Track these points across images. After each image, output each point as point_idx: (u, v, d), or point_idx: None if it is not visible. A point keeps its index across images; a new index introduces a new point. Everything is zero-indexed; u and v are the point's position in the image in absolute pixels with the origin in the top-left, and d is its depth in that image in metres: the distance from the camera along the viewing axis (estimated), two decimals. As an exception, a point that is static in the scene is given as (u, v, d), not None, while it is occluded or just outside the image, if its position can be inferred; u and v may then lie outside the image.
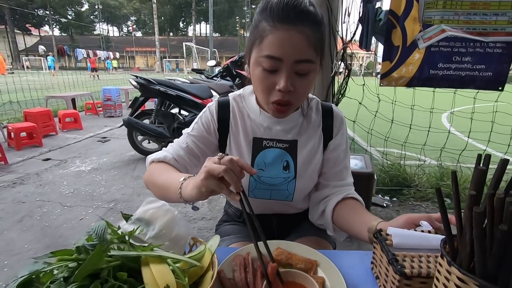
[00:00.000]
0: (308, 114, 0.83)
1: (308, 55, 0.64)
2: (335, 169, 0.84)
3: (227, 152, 0.83)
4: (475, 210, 0.29)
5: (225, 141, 0.83)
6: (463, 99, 2.31)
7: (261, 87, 0.68)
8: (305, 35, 0.62)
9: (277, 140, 0.80)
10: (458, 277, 0.36)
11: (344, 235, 0.83)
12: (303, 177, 0.81)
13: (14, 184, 2.83)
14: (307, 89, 0.70)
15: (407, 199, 2.52)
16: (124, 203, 2.49)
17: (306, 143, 0.81)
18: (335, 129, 0.83)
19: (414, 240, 0.55)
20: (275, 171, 0.80)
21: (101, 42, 39.55)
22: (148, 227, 0.60)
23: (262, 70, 0.66)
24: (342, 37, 2.24)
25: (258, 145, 0.80)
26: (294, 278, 0.57)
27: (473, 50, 1.98)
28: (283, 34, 0.62)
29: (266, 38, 0.63)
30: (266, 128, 0.80)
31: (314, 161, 0.82)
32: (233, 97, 0.84)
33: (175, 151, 0.82)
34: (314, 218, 0.87)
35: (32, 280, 0.42)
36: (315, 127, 0.82)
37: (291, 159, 0.80)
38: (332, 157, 0.83)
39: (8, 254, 1.78)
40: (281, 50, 0.62)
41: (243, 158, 0.80)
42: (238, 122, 0.82)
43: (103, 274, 0.43)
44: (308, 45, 0.63)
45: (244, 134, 0.81)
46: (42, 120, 4.52)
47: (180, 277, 0.48)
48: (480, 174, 0.33)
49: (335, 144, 0.83)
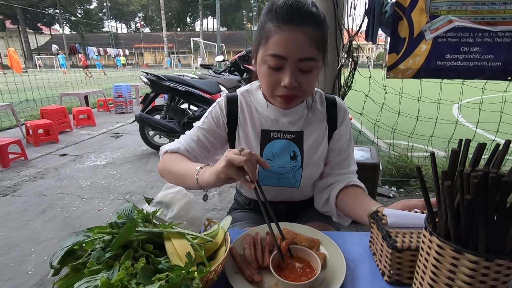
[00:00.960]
0: (312, 106, 0.87)
1: (311, 54, 0.69)
2: (339, 157, 0.89)
3: (236, 144, 0.89)
4: (445, 183, 0.34)
5: (234, 134, 0.88)
6: (475, 90, 2.30)
7: (267, 83, 0.74)
8: (307, 35, 0.67)
9: (284, 131, 0.85)
10: (437, 244, 0.41)
11: (348, 220, 0.89)
12: (310, 166, 0.87)
13: (35, 178, 2.98)
14: (311, 85, 0.74)
15: (414, 190, 2.55)
16: (139, 195, 2.61)
17: (312, 134, 0.86)
18: (339, 120, 0.88)
19: (407, 220, 0.60)
20: (283, 161, 0.86)
21: (110, 39, 40.02)
22: (167, 209, 0.67)
23: (268, 68, 0.71)
24: (348, 30, 2.26)
25: (266, 137, 0.85)
26: (298, 253, 0.63)
27: (481, 40, 1.97)
28: (287, 34, 0.67)
29: (271, 38, 0.69)
30: (273, 120, 0.85)
31: (319, 150, 0.87)
32: (240, 92, 0.89)
33: (187, 143, 0.87)
34: (319, 205, 0.93)
35: (75, 250, 0.50)
36: (320, 118, 0.87)
37: (297, 149, 0.86)
38: (337, 147, 0.89)
39: (34, 242, 1.92)
40: (285, 49, 0.67)
41: (252, 150, 0.85)
42: (246, 116, 0.87)
43: (133, 245, 0.50)
44: (310, 44, 0.68)
45: (252, 126, 0.86)
46: (58, 117, 4.70)
47: (197, 250, 0.56)
48: (454, 155, 0.38)
49: (339, 134, 0.88)
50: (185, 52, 40.88)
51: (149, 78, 3.51)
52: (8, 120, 5.22)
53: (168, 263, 0.50)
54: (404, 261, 0.55)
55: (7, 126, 5.10)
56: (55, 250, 0.50)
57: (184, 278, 0.44)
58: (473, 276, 0.39)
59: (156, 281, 0.44)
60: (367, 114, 2.62)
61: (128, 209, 0.58)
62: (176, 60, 33.51)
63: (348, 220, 0.89)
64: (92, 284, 0.42)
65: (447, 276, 0.41)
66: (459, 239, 0.38)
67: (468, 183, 0.34)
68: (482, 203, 0.35)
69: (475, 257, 0.38)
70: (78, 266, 0.48)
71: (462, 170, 0.34)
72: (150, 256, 0.50)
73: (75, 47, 21.18)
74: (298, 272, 0.59)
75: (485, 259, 0.37)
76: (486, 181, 0.35)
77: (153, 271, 0.48)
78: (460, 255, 0.39)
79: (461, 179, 0.35)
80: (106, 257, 0.48)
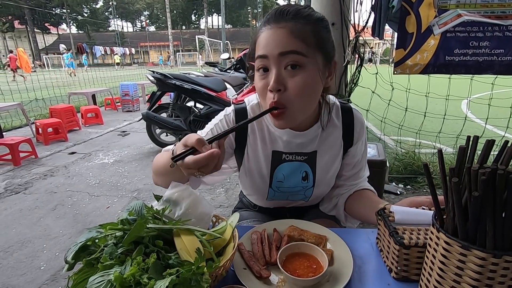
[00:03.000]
0: (329, 122, 0.80)
1: (293, 46, 0.61)
2: (353, 171, 0.86)
3: (244, 162, 0.83)
4: (453, 180, 0.34)
5: (243, 151, 0.82)
6: (484, 86, 2.26)
7: (258, 92, 0.68)
8: (286, 28, 0.62)
9: (296, 153, 0.80)
10: (445, 241, 0.41)
11: (356, 223, 0.88)
12: (321, 185, 0.84)
13: (45, 176, 3.05)
14: (302, 88, 0.63)
15: (421, 187, 2.52)
16: (147, 192, 2.64)
17: (326, 153, 0.81)
18: (355, 136, 0.82)
19: (414, 216, 0.61)
20: (294, 181, 0.82)
21: (116, 38, 40.31)
22: (175, 207, 0.69)
23: (257, 74, 0.67)
24: (354, 25, 2.24)
25: (277, 159, 0.80)
26: (306, 250, 0.64)
27: (491, 34, 1.93)
28: (266, 33, 0.64)
29: (257, 42, 0.67)
30: (285, 141, 0.78)
31: (332, 169, 0.83)
32: (250, 106, 0.80)
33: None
34: (326, 209, 0.92)
35: (88, 245, 0.52)
36: (335, 136, 0.81)
37: (310, 169, 0.81)
38: (351, 162, 0.85)
39: (46, 238, 1.96)
40: (266, 47, 0.63)
41: (261, 171, 0.82)
42: (256, 134, 0.80)
43: (144, 241, 0.51)
44: (292, 37, 0.62)
45: (263, 146, 0.80)
46: (66, 116, 4.77)
47: (206, 246, 0.57)
48: (461, 152, 0.38)
49: (355, 151, 0.83)
50: (190, 50, 40.94)
51: (155, 77, 3.54)
52: (19, 119, 5.32)
53: (178, 258, 0.51)
54: (412, 258, 0.55)
55: (17, 125, 5.21)
56: (66, 246, 0.52)
57: (194, 273, 0.46)
58: (481, 272, 0.39)
59: (167, 276, 0.45)
60: (373, 110, 2.60)
61: (139, 206, 0.59)
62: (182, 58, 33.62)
63: (356, 222, 0.89)
64: (106, 279, 0.44)
65: (455, 273, 0.41)
66: (467, 235, 0.38)
67: (476, 180, 0.34)
68: (490, 200, 0.35)
69: (483, 253, 0.38)
70: (91, 261, 0.49)
71: (470, 167, 0.35)
72: (160, 252, 0.52)
73: (82, 46, 21.42)
74: (306, 268, 0.60)
75: (493, 256, 0.37)
76: (494, 178, 0.35)
77: (164, 267, 0.49)
78: (467, 251, 0.39)
79: (468, 176, 0.35)
80: (118, 253, 0.49)
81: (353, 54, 2.28)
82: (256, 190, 0.86)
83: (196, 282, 0.45)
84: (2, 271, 1.66)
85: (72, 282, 0.47)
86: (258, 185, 0.84)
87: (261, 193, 0.86)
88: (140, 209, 0.59)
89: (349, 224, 0.89)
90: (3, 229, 2.09)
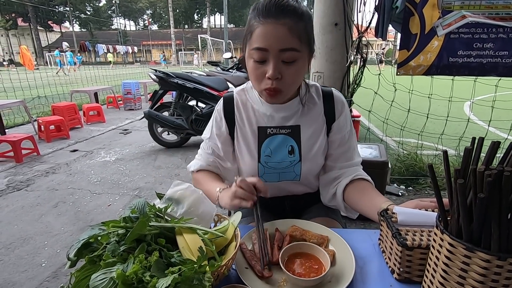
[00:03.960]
0: (308, 99, 0.88)
1: (292, 44, 0.70)
2: (341, 149, 0.89)
3: (235, 143, 0.91)
4: (458, 182, 0.34)
5: (233, 134, 0.90)
6: (487, 87, 2.25)
7: (253, 77, 0.76)
8: (287, 26, 0.69)
9: (280, 127, 0.86)
10: (449, 242, 0.41)
11: (356, 214, 0.89)
12: (308, 160, 0.87)
13: (47, 173, 3.06)
14: (295, 77, 0.75)
15: (423, 188, 2.52)
16: (148, 190, 2.65)
17: (309, 127, 0.87)
18: (337, 112, 0.88)
19: (417, 218, 0.60)
20: (281, 156, 0.87)
21: (119, 36, 40.37)
22: (177, 205, 0.69)
23: (253, 62, 0.74)
24: (357, 26, 2.23)
25: (263, 134, 0.87)
26: (308, 250, 0.64)
27: (496, 36, 1.92)
28: (267, 27, 0.70)
29: (254, 33, 0.72)
30: (269, 116, 0.86)
31: (317, 143, 0.88)
32: (237, 92, 0.92)
33: (205, 159, 0.94)
34: (325, 200, 0.93)
35: (91, 242, 0.52)
36: (317, 112, 0.87)
37: (295, 143, 0.87)
38: (337, 139, 0.88)
39: (47, 235, 1.97)
40: (266, 41, 0.70)
41: (249, 147, 0.88)
42: (242, 114, 0.88)
43: (146, 239, 0.51)
44: (291, 35, 0.70)
45: (249, 124, 0.88)
46: (69, 114, 4.78)
47: (208, 244, 0.57)
48: (467, 153, 0.38)
49: (338, 126, 0.88)
50: (193, 49, 40.98)
51: (157, 75, 3.54)
52: (21, 117, 5.34)
53: (180, 257, 0.51)
54: (414, 259, 0.55)
55: (20, 122, 5.23)
56: (68, 243, 0.52)
57: (197, 272, 0.46)
58: (485, 275, 0.38)
59: (170, 274, 0.45)
60: (376, 111, 2.59)
61: (141, 204, 0.59)
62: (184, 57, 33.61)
63: (355, 213, 0.90)
64: (108, 276, 0.44)
65: (459, 275, 0.41)
66: (471, 237, 0.38)
67: (482, 182, 0.34)
68: (496, 202, 0.35)
69: (488, 256, 0.37)
70: (94, 259, 0.49)
71: (475, 168, 0.34)
72: (162, 250, 0.52)
73: (85, 45, 21.40)
74: (307, 268, 0.60)
75: (497, 258, 0.37)
76: (500, 180, 0.35)
77: (166, 265, 0.49)
78: (472, 253, 0.39)
79: (474, 177, 0.35)
80: (120, 250, 0.49)
81: (356, 55, 2.27)
82: (247, 168, 0.90)
83: (198, 280, 0.45)
84: (3, 268, 1.67)
85: (75, 279, 0.47)
86: (247, 162, 0.89)
87: (252, 171, 0.90)
88: (143, 207, 0.59)
89: (349, 213, 0.90)
90: (5, 225, 2.09)
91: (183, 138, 3.87)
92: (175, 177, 2.97)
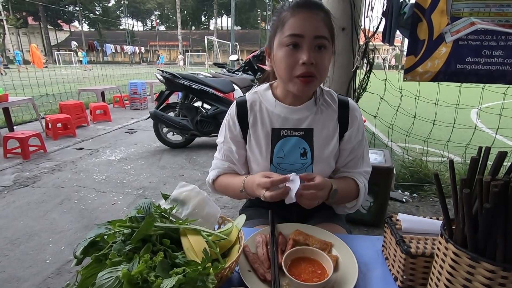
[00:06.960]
0: (323, 103, 0.89)
1: (325, 33, 0.76)
2: (349, 158, 0.90)
3: (247, 144, 0.92)
4: (464, 191, 0.34)
5: (246, 137, 0.91)
6: (495, 95, 2.23)
7: (286, 65, 0.77)
8: (320, 16, 0.76)
9: (294, 129, 0.87)
10: (453, 252, 0.41)
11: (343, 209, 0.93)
12: (320, 162, 0.88)
13: (53, 170, 3.09)
14: (326, 64, 0.78)
15: (427, 195, 2.49)
16: (152, 190, 2.66)
17: (322, 131, 0.87)
18: (350, 122, 0.88)
19: (421, 225, 0.60)
20: (293, 158, 0.88)
21: (126, 37, 40.80)
22: (182, 206, 0.69)
23: (286, 49, 0.76)
24: (364, 31, 2.23)
25: (277, 135, 0.87)
26: (311, 254, 0.64)
27: (505, 44, 1.90)
28: (302, 15, 0.75)
29: (287, 22, 0.76)
30: (283, 118, 0.87)
31: (329, 147, 0.88)
32: (249, 95, 0.93)
33: (220, 167, 0.96)
34: None
35: (97, 241, 0.53)
36: (330, 116, 0.88)
37: (307, 146, 0.87)
38: (347, 148, 0.89)
39: (52, 232, 1.99)
40: (302, 27, 0.74)
41: (261, 149, 0.88)
42: (256, 116, 0.89)
43: (152, 239, 0.52)
44: (324, 25, 0.76)
45: (262, 126, 0.88)
46: (76, 112, 4.84)
47: (212, 246, 0.57)
48: (473, 163, 0.38)
49: (350, 136, 0.88)
50: (199, 51, 41.26)
51: (164, 76, 3.57)
52: (29, 114, 5.42)
53: (184, 258, 0.52)
54: (418, 267, 0.55)
55: (28, 120, 5.30)
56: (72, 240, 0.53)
57: (201, 273, 0.46)
58: (490, 285, 0.38)
59: (174, 274, 0.45)
60: (381, 116, 2.58)
61: (147, 205, 0.60)
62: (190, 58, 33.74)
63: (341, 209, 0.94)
64: (114, 275, 0.44)
65: (463, 284, 0.41)
66: (476, 247, 0.38)
67: (488, 192, 0.34)
68: (502, 212, 0.35)
69: (493, 266, 0.37)
70: (100, 257, 0.50)
71: (481, 178, 0.34)
72: (167, 251, 0.52)
73: (93, 44, 21.71)
74: (310, 273, 0.60)
75: (502, 269, 0.37)
76: (506, 190, 0.35)
77: (171, 265, 0.49)
78: (476, 263, 0.39)
79: (480, 187, 0.35)
80: (126, 250, 0.50)
81: (362, 60, 2.27)
82: (259, 169, 0.91)
83: (202, 282, 0.46)
84: (9, 263, 1.69)
85: (81, 277, 0.48)
86: (260, 163, 0.90)
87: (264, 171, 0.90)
88: (148, 207, 0.60)
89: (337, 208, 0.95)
90: (11, 221, 2.12)
91: (188, 139, 3.89)
92: (179, 177, 2.98)
